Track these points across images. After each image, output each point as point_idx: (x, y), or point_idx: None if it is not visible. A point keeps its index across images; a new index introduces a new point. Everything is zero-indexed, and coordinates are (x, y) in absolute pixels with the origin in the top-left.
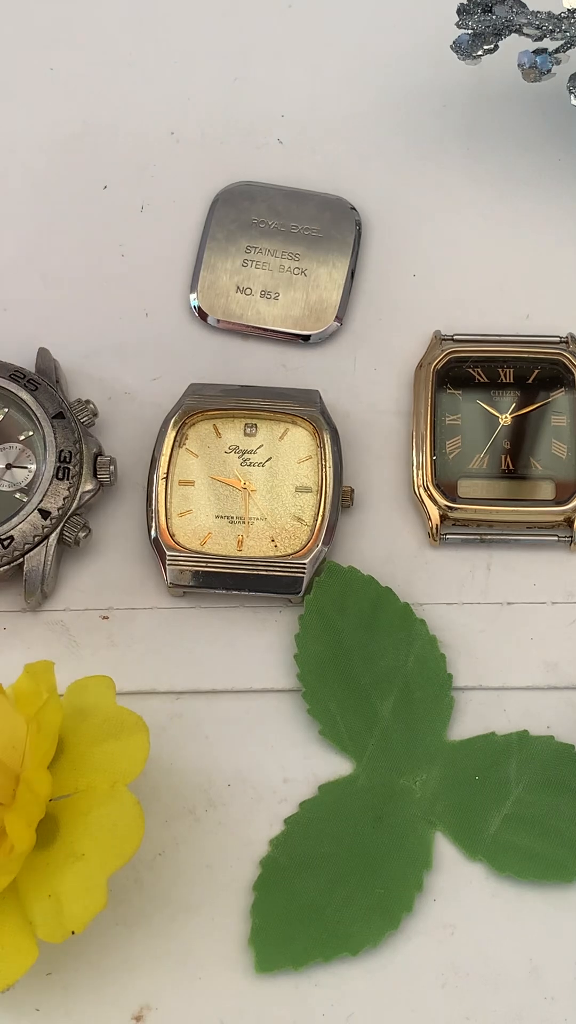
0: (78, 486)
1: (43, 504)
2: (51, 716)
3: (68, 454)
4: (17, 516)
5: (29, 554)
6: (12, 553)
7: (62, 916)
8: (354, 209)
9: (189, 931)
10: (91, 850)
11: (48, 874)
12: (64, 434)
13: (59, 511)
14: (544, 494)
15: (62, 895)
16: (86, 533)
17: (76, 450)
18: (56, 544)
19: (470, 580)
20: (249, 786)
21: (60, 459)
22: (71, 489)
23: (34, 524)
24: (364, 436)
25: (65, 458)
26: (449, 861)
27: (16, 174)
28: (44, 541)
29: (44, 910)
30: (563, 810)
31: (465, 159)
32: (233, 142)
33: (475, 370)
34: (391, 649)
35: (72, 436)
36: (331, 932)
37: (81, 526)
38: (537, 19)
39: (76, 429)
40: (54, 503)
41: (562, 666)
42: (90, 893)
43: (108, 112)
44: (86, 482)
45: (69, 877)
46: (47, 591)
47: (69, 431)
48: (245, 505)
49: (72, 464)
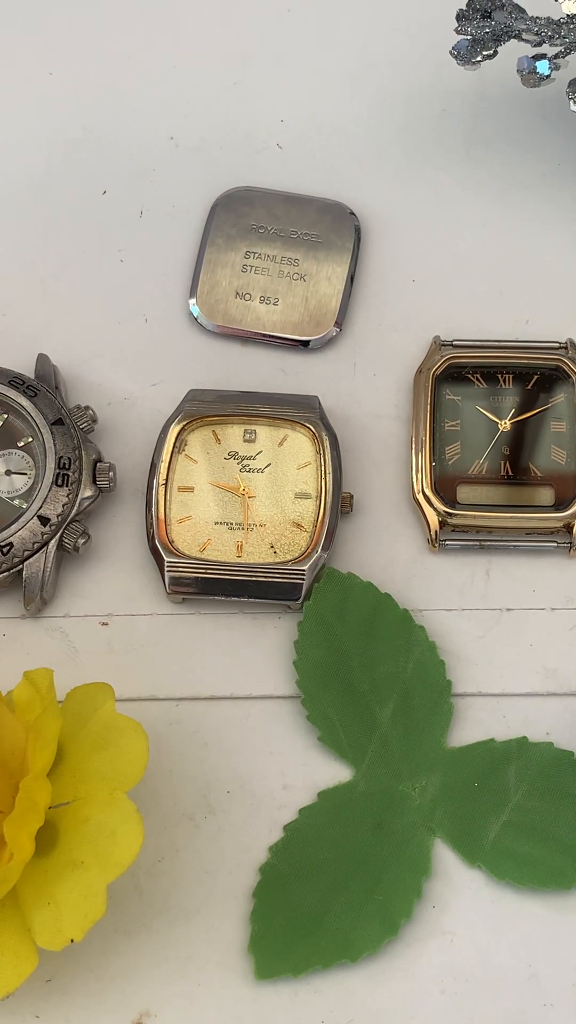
0: (77, 492)
1: (42, 511)
2: (50, 723)
3: (67, 460)
4: (16, 523)
5: (28, 560)
6: (11, 560)
7: (61, 924)
8: (353, 214)
9: (189, 938)
10: (90, 857)
11: (47, 882)
12: (63, 440)
13: (58, 518)
14: (543, 500)
15: (61, 903)
16: (85, 539)
17: (75, 456)
18: (55, 550)
19: (469, 586)
20: (248, 792)
21: (59, 465)
22: (70, 496)
23: (33, 531)
24: (363, 442)
25: (64, 464)
26: (448, 868)
27: (16, 179)
28: (43, 548)
29: (43, 918)
30: (562, 817)
31: (464, 164)
32: (232, 147)
33: (475, 375)
34: (390, 655)
35: (71, 442)
36: (330, 939)
37: (80, 532)
38: (536, 25)
39: (75, 435)
40: (53, 510)
41: (561, 672)
42: (89, 901)
43: (108, 117)
44: (85, 488)
45: (68, 885)
46: (46, 597)
47: (68, 437)
48: (244, 511)
49: (71, 471)
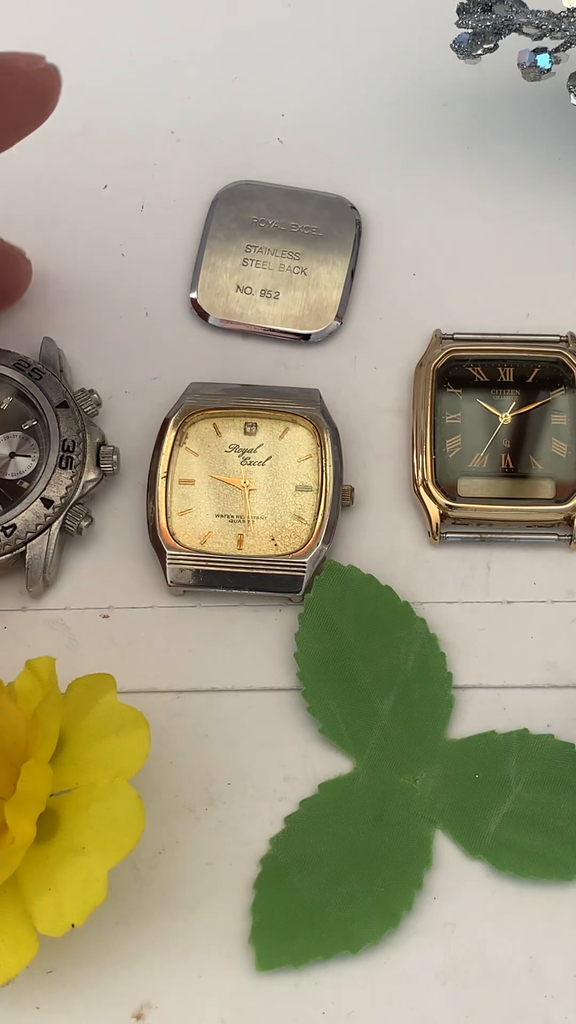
0: (81, 475)
1: (46, 493)
2: (52, 710)
3: (71, 443)
4: (20, 505)
5: (31, 543)
6: (14, 541)
7: (62, 909)
8: (354, 208)
9: (189, 929)
10: (91, 843)
11: (48, 868)
12: (68, 423)
13: (62, 500)
14: (544, 493)
15: (62, 888)
16: (88, 522)
17: (79, 439)
18: (59, 533)
19: (470, 579)
20: (249, 784)
21: (63, 448)
22: (74, 478)
23: (36, 513)
24: (364, 435)
25: (68, 447)
26: (449, 859)
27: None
28: (47, 530)
29: (44, 904)
30: (563, 808)
31: (465, 158)
32: (233, 141)
33: (475, 369)
34: (391, 648)
35: (76, 425)
36: (331, 930)
37: (84, 515)
38: (537, 18)
39: (79, 418)
40: (57, 492)
41: (562, 665)
42: (90, 886)
43: (108, 111)
44: (89, 471)
45: (69, 870)
46: (49, 580)
47: (73, 420)
48: (245, 504)
49: (75, 453)
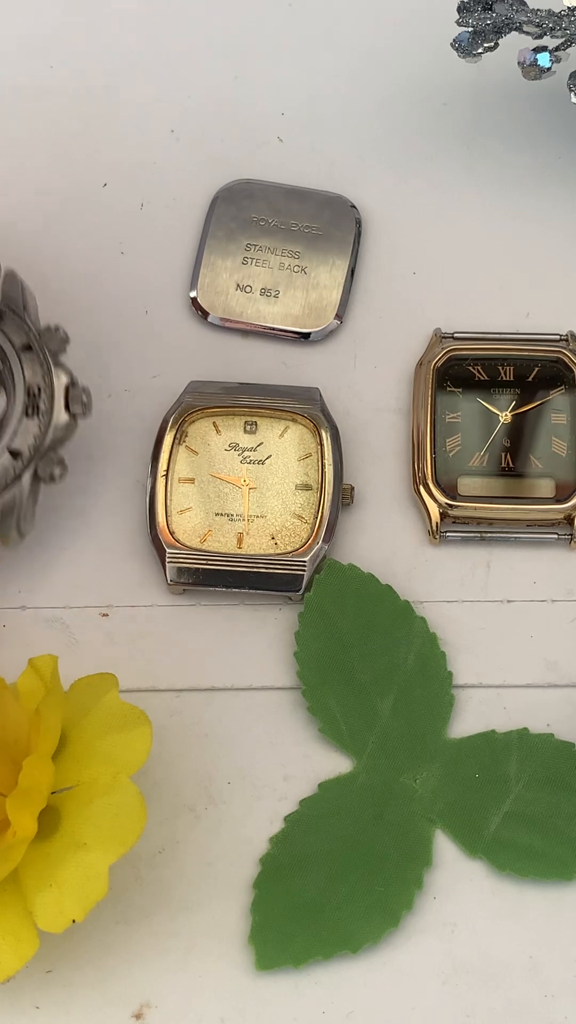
0: (49, 422)
1: (13, 444)
2: (54, 706)
3: (37, 388)
4: None
5: (2, 495)
6: None
7: (63, 905)
8: (354, 207)
9: (189, 929)
10: (93, 838)
11: (49, 865)
12: (32, 368)
13: (30, 450)
14: (544, 492)
15: (63, 884)
16: (61, 470)
17: (46, 384)
18: (32, 482)
19: (470, 578)
20: (249, 784)
21: (28, 394)
22: (41, 426)
23: (4, 466)
24: (364, 434)
25: (34, 393)
26: (449, 859)
27: (16, 172)
28: (17, 481)
29: (45, 900)
30: (563, 808)
31: (465, 157)
32: (233, 140)
33: (475, 368)
34: (391, 647)
35: (41, 369)
36: (331, 930)
37: (57, 462)
38: (537, 17)
39: (45, 361)
40: (24, 441)
41: (562, 664)
42: (91, 882)
43: (108, 110)
44: (58, 416)
45: (70, 866)
46: (23, 531)
47: (37, 364)
48: (245, 503)
49: (42, 400)
